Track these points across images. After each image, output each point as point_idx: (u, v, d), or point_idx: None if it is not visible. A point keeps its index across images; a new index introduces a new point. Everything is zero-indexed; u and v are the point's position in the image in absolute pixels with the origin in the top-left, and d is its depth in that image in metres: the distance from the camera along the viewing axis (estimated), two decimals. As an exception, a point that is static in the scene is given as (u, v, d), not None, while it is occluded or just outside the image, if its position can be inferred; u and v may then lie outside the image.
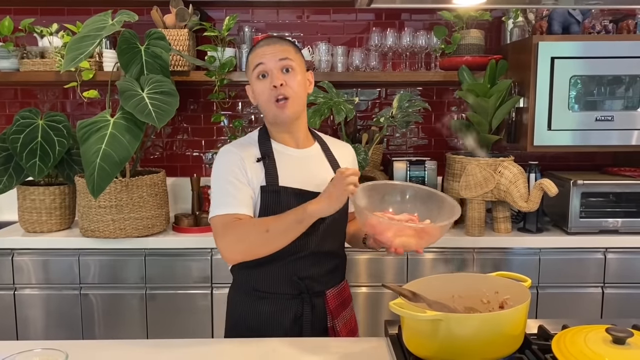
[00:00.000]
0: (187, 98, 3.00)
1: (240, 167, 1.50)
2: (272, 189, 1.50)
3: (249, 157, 1.53)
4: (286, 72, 1.50)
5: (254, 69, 1.52)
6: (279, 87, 1.48)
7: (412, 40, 2.77)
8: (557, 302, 2.48)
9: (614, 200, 2.58)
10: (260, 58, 1.51)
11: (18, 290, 2.48)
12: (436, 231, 1.37)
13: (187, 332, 2.47)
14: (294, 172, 1.53)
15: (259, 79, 1.52)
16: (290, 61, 1.50)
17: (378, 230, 1.36)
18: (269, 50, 1.50)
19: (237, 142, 1.60)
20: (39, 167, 2.38)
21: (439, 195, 1.49)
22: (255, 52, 1.53)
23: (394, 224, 1.36)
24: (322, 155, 1.62)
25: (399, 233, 1.34)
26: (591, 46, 2.46)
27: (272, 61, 1.49)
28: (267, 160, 1.52)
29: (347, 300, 1.65)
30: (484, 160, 2.46)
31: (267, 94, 1.50)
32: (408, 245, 1.35)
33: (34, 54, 2.68)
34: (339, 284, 1.63)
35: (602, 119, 2.50)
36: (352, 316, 1.68)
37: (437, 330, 1.12)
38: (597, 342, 1.10)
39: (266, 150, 1.54)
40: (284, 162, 1.54)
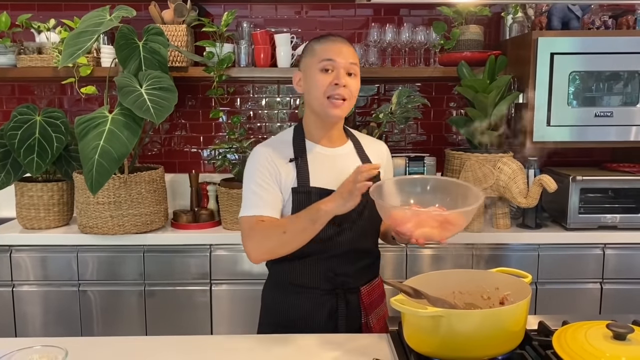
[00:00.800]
0: (185, 94, 2.99)
1: (269, 168, 1.52)
2: (303, 190, 1.52)
3: (281, 157, 1.55)
4: (348, 75, 1.52)
5: (322, 61, 1.51)
6: (341, 86, 1.49)
7: (411, 36, 2.76)
8: (556, 297, 2.49)
9: (612, 196, 2.58)
10: (332, 54, 1.50)
11: (16, 287, 2.47)
12: (460, 219, 1.33)
13: (186, 328, 2.47)
14: (325, 171, 1.54)
15: (322, 72, 1.51)
16: (356, 67, 1.54)
17: (399, 222, 1.35)
18: (344, 50, 1.52)
19: (270, 142, 1.61)
20: (37, 163, 2.37)
21: (463, 185, 1.47)
22: (328, 45, 1.53)
23: (413, 213, 1.35)
24: (354, 154, 1.62)
25: (421, 224, 1.33)
26: (591, 42, 2.46)
27: (343, 61, 1.50)
28: (299, 161, 1.54)
29: (381, 296, 1.67)
30: (483, 156, 2.45)
31: (325, 88, 1.50)
32: (430, 236, 1.33)
33: (31, 49, 2.67)
34: (373, 280, 1.64)
35: (601, 114, 2.50)
36: (385, 312, 1.69)
37: (438, 327, 1.12)
38: (598, 338, 1.10)
39: (299, 151, 1.56)
40: (316, 162, 1.55)
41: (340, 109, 1.51)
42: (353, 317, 1.57)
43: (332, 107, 1.50)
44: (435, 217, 1.33)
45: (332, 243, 1.52)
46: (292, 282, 1.58)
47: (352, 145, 1.64)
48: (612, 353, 1.05)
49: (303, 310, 1.56)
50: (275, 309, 1.61)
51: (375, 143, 1.72)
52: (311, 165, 1.54)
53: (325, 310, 1.55)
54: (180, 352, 1.33)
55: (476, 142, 2.57)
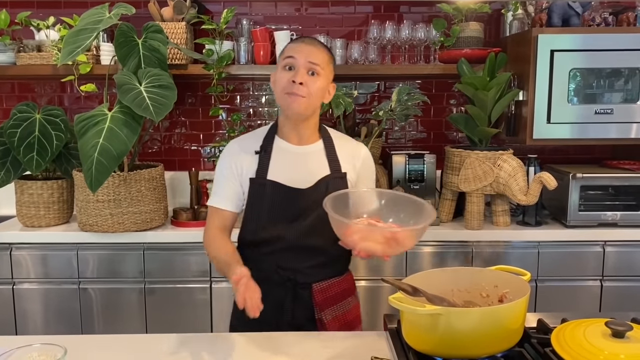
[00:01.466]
0: (185, 92, 2.98)
1: (233, 161, 1.61)
2: (259, 181, 1.58)
3: (249, 149, 1.62)
4: (311, 74, 1.54)
5: (284, 59, 1.56)
6: (297, 84, 1.51)
7: (411, 33, 2.75)
8: (556, 295, 2.49)
9: (613, 194, 2.58)
10: (293, 52, 1.55)
11: (17, 285, 2.47)
12: (408, 238, 1.32)
13: (186, 326, 2.47)
14: (285, 167, 1.59)
15: (284, 70, 1.56)
16: (319, 67, 1.55)
17: (344, 233, 1.34)
18: (305, 49, 1.55)
19: (245, 135, 1.70)
20: (37, 161, 2.37)
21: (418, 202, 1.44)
22: (292, 45, 1.59)
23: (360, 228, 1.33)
24: (322, 153, 1.63)
25: (367, 238, 1.32)
26: (591, 39, 2.45)
27: (302, 59, 1.54)
28: (263, 153, 1.60)
29: (341, 295, 1.66)
30: (483, 154, 2.45)
31: (284, 85, 1.54)
32: (373, 251, 1.32)
33: (30, 47, 2.66)
34: (331, 278, 1.63)
35: (602, 112, 2.50)
36: (348, 311, 1.68)
37: (437, 325, 1.12)
38: (596, 335, 1.10)
39: (266, 145, 1.62)
40: (279, 157, 1.60)
41: (297, 105, 1.53)
42: (304, 311, 1.60)
43: (290, 102, 1.54)
44: (383, 233, 1.32)
45: (274, 237, 1.57)
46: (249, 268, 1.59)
47: (322, 145, 1.64)
48: (610, 351, 1.05)
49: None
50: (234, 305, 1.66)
51: (353, 146, 1.70)
52: (273, 159, 1.60)
53: (272, 302, 1.55)
54: (181, 350, 1.33)
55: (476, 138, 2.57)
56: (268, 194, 1.57)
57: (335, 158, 1.63)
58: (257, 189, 1.58)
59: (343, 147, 1.66)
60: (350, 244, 1.34)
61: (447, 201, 2.63)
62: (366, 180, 1.69)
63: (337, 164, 1.62)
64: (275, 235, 1.57)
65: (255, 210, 1.59)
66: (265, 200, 1.57)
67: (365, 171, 1.69)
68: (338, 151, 1.64)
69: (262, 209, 1.58)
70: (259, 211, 1.58)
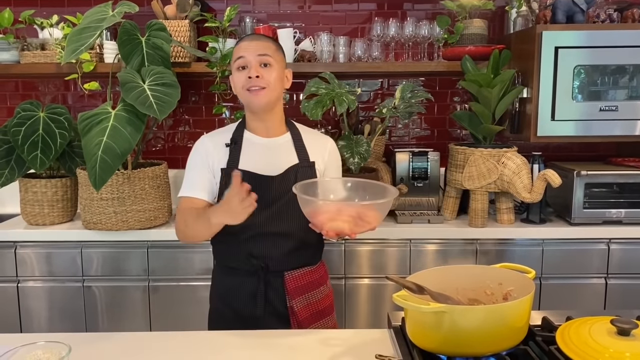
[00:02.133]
0: (188, 90, 2.98)
1: (205, 155, 1.68)
2: (230, 171, 1.60)
3: (219, 143, 1.70)
4: (264, 66, 1.63)
5: (235, 61, 1.66)
6: (254, 78, 1.61)
7: (414, 30, 2.75)
8: (560, 293, 2.48)
9: (617, 191, 2.57)
10: (242, 52, 1.64)
11: (21, 283, 2.48)
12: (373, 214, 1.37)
13: (190, 323, 2.47)
14: (256, 158, 1.67)
15: (239, 70, 1.65)
16: (269, 57, 1.63)
17: (312, 214, 1.40)
18: (251, 46, 1.64)
19: (214, 131, 1.79)
20: (41, 159, 2.37)
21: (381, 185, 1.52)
22: (239, 46, 1.67)
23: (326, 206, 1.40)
24: (290, 145, 1.72)
25: (333, 218, 1.37)
26: (595, 35, 2.44)
27: (252, 55, 1.63)
28: (233, 145, 1.68)
29: (313, 284, 1.72)
30: (487, 151, 2.45)
31: (243, 83, 1.63)
32: (341, 230, 1.37)
33: (34, 45, 2.67)
34: (303, 267, 1.70)
35: (606, 109, 2.49)
36: (320, 299, 1.73)
37: (441, 322, 1.12)
38: (601, 333, 1.10)
39: (236, 137, 1.70)
40: (249, 149, 1.69)
41: (259, 97, 1.62)
42: (277, 300, 1.68)
43: (252, 97, 1.62)
44: (349, 210, 1.37)
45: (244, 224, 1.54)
46: (221, 263, 1.76)
47: (289, 137, 1.73)
48: (615, 349, 1.04)
49: (228, 290, 1.69)
50: (213, 286, 1.78)
51: (319, 137, 1.80)
52: (244, 150, 1.68)
53: (245, 291, 1.66)
54: (185, 348, 1.33)
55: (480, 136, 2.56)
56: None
57: (303, 148, 1.72)
58: (228, 178, 1.62)
59: (311, 139, 1.76)
60: (318, 225, 1.40)
61: (451, 199, 2.63)
62: (333, 171, 1.78)
63: (305, 153, 1.71)
64: (245, 224, 1.54)
65: None
66: None
67: (332, 162, 1.78)
68: (306, 142, 1.73)
69: None
70: None
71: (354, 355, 1.28)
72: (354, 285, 2.49)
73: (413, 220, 2.55)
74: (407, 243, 2.46)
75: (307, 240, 1.69)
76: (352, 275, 2.48)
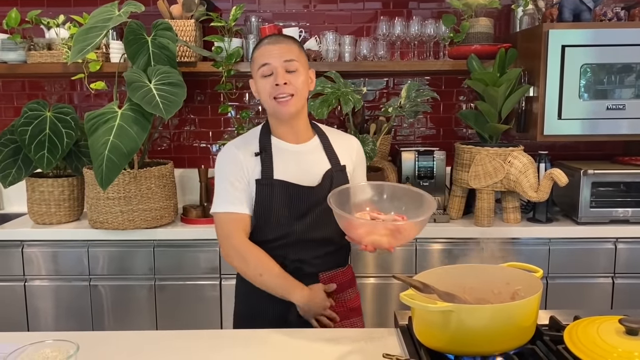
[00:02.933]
0: (194, 89, 2.99)
1: (238, 165, 1.60)
2: (266, 182, 1.58)
3: (248, 152, 1.61)
4: (290, 73, 1.56)
5: (259, 68, 1.57)
6: (282, 85, 1.54)
7: (420, 29, 2.74)
8: (567, 292, 2.47)
9: (624, 190, 2.56)
10: (266, 58, 1.56)
11: (28, 282, 2.49)
12: (411, 229, 1.39)
13: (196, 322, 2.48)
14: (289, 166, 1.60)
15: (263, 78, 1.57)
16: (295, 62, 1.56)
17: (350, 228, 1.41)
18: (275, 50, 1.56)
19: (239, 139, 1.70)
20: (48, 159, 2.38)
21: (417, 193, 1.50)
22: (260, 50, 1.58)
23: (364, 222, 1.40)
24: (320, 149, 1.66)
25: (372, 232, 1.38)
26: (602, 34, 2.43)
27: (277, 61, 1.55)
28: (264, 154, 1.60)
29: (345, 285, 1.70)
30: (494, 150, 2.44)
31: (269, 91, 1.56)
32: (379, 244, 1.38)
33: (41, 45, 2.68)
34: (337, 268, 1.68)
35: (613, 107, 2.47)
36: (351, 299, 1.73)
37: (449, 322, 1.11)
38: (610, 333, 1.09)
39: (265, 145, 1.62)
40: (280, 157, 1.61)
41: (288, 106, 1.56)
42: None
43: (280, 106, 1.56)
44: (386, 226, 1.38)
45: (282, 233, 1.59)
46: None
47: (318, 141, 1.67)
48: (624, 348, 1.04)
49: (259, 292, 1.61)
50: (241, 293, 1.71)
51: (345, 138, 1.75)
52: (275, 159, 1.60)
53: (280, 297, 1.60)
54: (191, 347, 1.34)
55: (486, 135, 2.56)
56: (276, 193, 1.58)
57: (333, 152, 1.67)
58: (264, 189, 1.58)
59: (337, 140, 1.70)
60: (357, 239, 1.41)
61: (457, 198, 2.62)
62: (361, 170, 1.76)
63: (335, 157, 1.66)
64: (283, 233, 1.59)
65: (264, 211, 1.59)
66: (275, 200, 1.58)
67: (359, 162, 1.75)
68: (334, 145, 1.68)
69: (271, 209, 1.59)
70: (269, 211, 1.59)
71: (362, 354, 1.27)
72: (360, 285, 2.47)
73: (419, 220, 2.54)
74: (413, 242, 2.46)
75: (341, 243, 1.66)
76: (358, 275, 2.44)
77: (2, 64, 2.70)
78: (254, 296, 1.64)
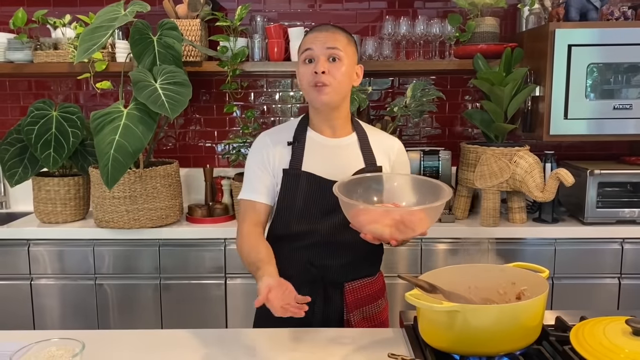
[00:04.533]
0: (199, 89, 2.99)
1: (264, 154, 1.58)
2: (293, 172, 1.55)
3: (281, 141, 1.58)
4: (332, 60, 1.50)
5: (303, 53, 1.53)
6: (320, 73, 1.48)
7: (425, 29, 2.73)
8: (573, 293, 2.46)
9: (631, 190, 2.54)
10: (310, 44, 1.52)
11: (34, 281, 2.50)
12: (417, 222, 1.28)
13: (201, 322, 2.48)
14: (320, 159, 1.56)
15: (305, 63, 1.53)
16: (339, 51, 1.50)
17: (352, 214, 1.33)
18: (320, 37, 1.51)
19: (276, 127, 1.69)
20: (54, 158, 2.39)
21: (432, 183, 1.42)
22: (307, 36, 1.55)
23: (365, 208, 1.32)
24: (356, 146, 1.60)
25: (374, 221, 1.29)
26: (609, 33, 2.42)
27: (320, 48, 1.50)
28: (296, 144, 1.57)
29: (372, 296, 1.63)
30: (499, 150, 2.43)
31: (308, 78, 1.51)
32: (380, 234, 1.30)
33: (47, 45, 2.69)
34: (364, 278, 1.61)
35: (620, 107, 2.46)
36: (378, 312, 1.65)
37: (454, 322, 1.11)
38: (616, 333, 1.09)
39: (299, 136, 1.59)
40: (313, 149, 1.57)
41: (324, 95, 1.50)
42: (334, 312, 1.58)
43: (316, 94, 1.50)
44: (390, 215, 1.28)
45: (307, 231, 1.53)
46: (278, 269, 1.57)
47: (355, 137, 1.61)
48: (631, 349, 1.03)
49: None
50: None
51: (386, 138, 1.68)
52: (307, 151, 1.57)
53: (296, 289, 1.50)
54: (196, 346, 1.34)
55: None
56: (303, 185, 1.53)
57: (370, 151, 1.60)
58: (291, 180, 1.55)
59: (377, 140, 1.63)
60: (358, 226, 1.33)
61: (463, 198, 2.61)
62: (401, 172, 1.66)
63: (371, 157, 1.59)
64: (308, 229, 1.54)
65: (288, 202, 1.55)
66: (300, 192, 1.53)
67: (400, 164, 1.66)
68: (372, 144, 1.61)
69: (296, 201, 1.54)
70: (293, 203, 1.55)
71: (367, 354, 1.27)
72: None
73: (424, 219, 2.54)
74: (419, 242, 2.45)
75: (367, 250, 1.56)
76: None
77: (9, 63, 2.71)
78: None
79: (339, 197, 1.32)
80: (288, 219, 1.56)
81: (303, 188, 1.53)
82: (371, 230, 1.30)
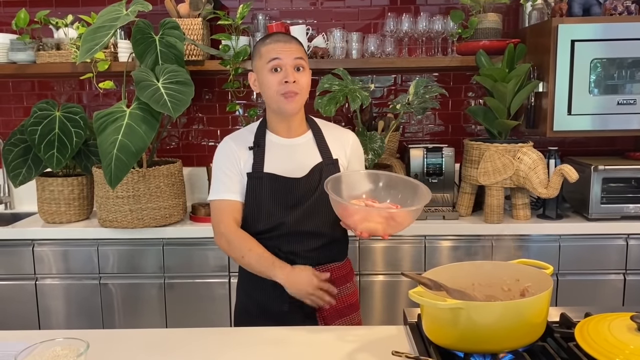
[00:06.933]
0: (201, 88, 2.99)
1: (232, 157, 1.67)
2: (257, 175, 1.65)
3: (243, 146, 1.69)
4: (298, 70, 1.61)
5: (269, 62, 1.61)
6: (291, 83, 1.58)
7: (428, 25, 2.73)
8: (578, 289, 2.45)
9: (635, 186, 2.53)
10: (277, 53, 1.60)
11: (39, 280, 2.51)
12: (405, 218, 1.44)
13: (206, 320, 2.49)
14: (280, 160, 1.66)
15: (272, 72, 1.61)
16: (303, 61, 1.62)
17: (346, 214, 1.45)
18: (287, 48, 1.61)
19: (236, 133, 1.76)
20: (57, 158, 2.40)
21: (413, 183, 1.55)
22: (272, 46, 1.62)
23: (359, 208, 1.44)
24: (312, 143, 1.71)
25: (366, 219, 1.42)
26: (613, 28, 2.41)
27: (288, 58, 1.60)
28: (257, 149, 1.67)
29: (339, 280, 1.71)
30: (503, 147, 2.42)
31: (277, 87, 1.60)
32: (374, 231, 1.43)
33: (49, 45, 2.69)
34: (331, 263, 1.70)
35: (624, 102, 2.45)
36: (349, 295, 1.74)
37: (458, 319, 1.11)
38: (621, 330, 1.08)
39: (259, 140, 1.69)
40: (273, 151, 1.67)
41: (293, 103, 1.61)
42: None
43: (286, 102, 1.60)
44: (381, 213, 1.42)
45: (273, 225, 1.64)
46: None
47: (311, 135, 1.72)
48: (636, 345, 1.03)
49: (254, 285, 1.67)
50: (240, 284, 1.77)
51: (340, 132, 1.78)
52: (267, 153, 1.67)
53: (272, 286, 1.61)
54: (200, 344, 1.34)
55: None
56: (266, 185, 1.63)
57: (326, 146, 1.70)
58: (255, 182, 1.64)
59: (332, 135, 1.74)
60: (352, 225, 1.45)
61: (466, 195, 2.61)
62: (357, 164, 1.78)
63: (327, 151, 1.70)
64: (275, 224, 1.63)
65: (254, 204, 1.65)
66: (264, 193, 1.64)
67: (355, 156, 1.77)
68: (327, 139, 1.72)
69: (262, 202, 1.64)
70: (259, 204, 1.64)
71: (370, 352, 1.27)
72: (368, 282, 2.48)
73: (428, 217, 2.54)
74: (422, 239, 2.45)
75: (334, 236, 1.69)
76: (366, 272, 2.48)
77: (12, 64, 2.72)
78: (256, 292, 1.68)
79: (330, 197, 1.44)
80: (256, 218, 1.66)
81: (267, 188, 1.64)
82: (366, 228, 1.43)
